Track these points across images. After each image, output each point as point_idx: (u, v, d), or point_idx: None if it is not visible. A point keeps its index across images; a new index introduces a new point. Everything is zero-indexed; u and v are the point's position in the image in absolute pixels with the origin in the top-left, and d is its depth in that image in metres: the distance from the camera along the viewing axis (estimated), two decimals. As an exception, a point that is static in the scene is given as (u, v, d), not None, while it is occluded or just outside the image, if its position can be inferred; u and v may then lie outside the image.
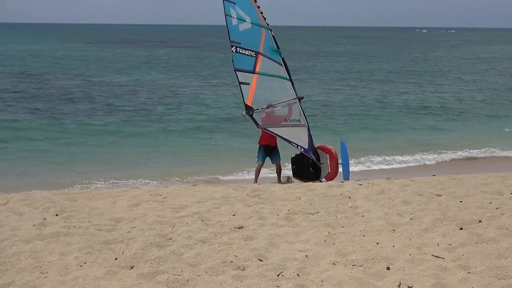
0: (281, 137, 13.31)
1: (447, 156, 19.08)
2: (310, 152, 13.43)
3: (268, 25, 12.95)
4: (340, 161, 13.59)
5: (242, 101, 13.04)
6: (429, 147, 20.07)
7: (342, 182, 12.51)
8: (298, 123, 13.41)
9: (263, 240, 7.79)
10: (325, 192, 10.71)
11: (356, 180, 12.57)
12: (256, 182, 13.37)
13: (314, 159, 13.49)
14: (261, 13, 12.89)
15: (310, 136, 13.46)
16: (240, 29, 12.84)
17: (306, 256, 7.19)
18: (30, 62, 52.68)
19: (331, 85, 38.72)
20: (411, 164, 18.12)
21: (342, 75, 46.03)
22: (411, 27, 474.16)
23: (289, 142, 13.36)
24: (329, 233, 8.07)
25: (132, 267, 6.91)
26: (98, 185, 14.80)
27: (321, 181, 13.16)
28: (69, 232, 8.08)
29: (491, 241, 7.60)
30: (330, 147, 13.73)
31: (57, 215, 9.17)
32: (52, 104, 27.79)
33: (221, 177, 15.90)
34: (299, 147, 13.38)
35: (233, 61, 12.83)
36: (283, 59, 13.14)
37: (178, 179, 15.67)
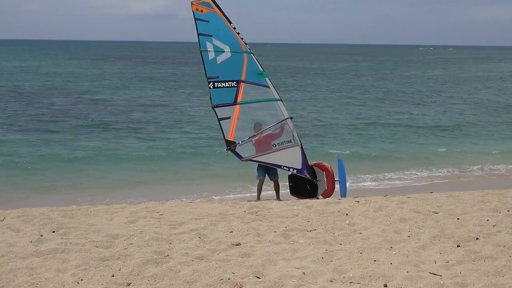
0: (269, 164, 13.09)
1: (443, 173, 19.14)
2: (305, 172, 13.39)
3: (249, 49, 12.83)
4: (337, 178, 13.61)
5: (223, 137, 12.68)
6: (426, 164, 20.12)
7: (339, 199, 12.51)
8: (290, 143, 13.28)
9: (260, 257, 7.77)
10: (322, 209, 10.71)
11: (353, 197, 12.57)
12: (259, 199, 13.26)
13: (310, 178, 13.48)
14: (241, 38, 12.74)
15: (303, 155, 13.41)
16: (218, 62, 12.50)
17: (304, 273, 7.17)
18: (24, 78, 52.73)
19: (328, 102, 38.86)
20: (408, 181, 18.13)
21: (339, 93, 46.17)
22: (410, 44, 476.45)
23: (279, 167, 13.20)
24: (326, 250, 8.06)
25: (129, 284, 6.88)
26: (95, 202, 14.77)
27: (318, 198, 13.15)
28: (66, 249, 8.05)
29: (488, 259, 7.59)
30: (327, 164, 13.74)
31: (54, 231, 9.14)
32: (44, 121, 27.79)
33: (216, 196, 15.88)
34: (291, 169, 13.25)
35: (210, 98, 12.46)
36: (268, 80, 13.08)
37: (175, 197, 15.66)
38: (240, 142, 12.76)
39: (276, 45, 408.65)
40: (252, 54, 12.88)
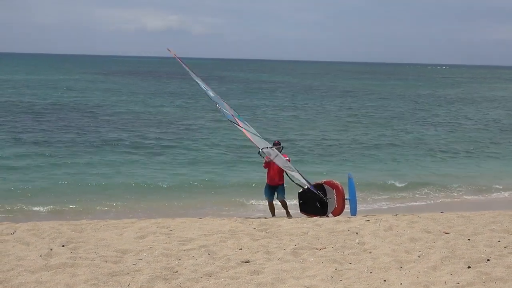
0: (293, 174, 13.61)
1: (454, 193, 18.99)
2: (313, 188, 13.51)
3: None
4: (347, 196, 13.57)
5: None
6: (437, 184, 19.97)
7: (349, 217, 12.46)
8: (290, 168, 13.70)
9: (269, 275, 7.75)
10: (332, 228, 10.67)
11: (364, 216, 12.52)
12: (275, 215, 13.71)
13: (321, 195, 13.49)
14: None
15: (305, 179, 13.71)
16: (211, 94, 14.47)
17: (313, 292, 7.14)
18: (36, 92, 53.16)
19: (337, 121, 38.82)
20: (418, 201, 17.99)
21: (349, 110, 46.11)
22: (422, 63, 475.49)
23: (296, 180, 13.72)
24: (336, 269, 8.02)
25: (137, 300, 6.88)
26: (104, 216, 14.81)
27: (327, 216, 13.12)
28: (75, 263, 8.07)
29: (499, 281, 7.52)
30: (337, 182, 13.71)
31: (63, 245, 9.18)
32: (56, 134, 27.98)
33: (226, 212, 15.86)
34: (304, 186, 13.56)
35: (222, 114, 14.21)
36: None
37: (184, 212, 15.66)
38: (267, 147, 13.49)
39: (287, 62, 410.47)
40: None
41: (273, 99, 54.67)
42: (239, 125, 13.91)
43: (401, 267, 8.12)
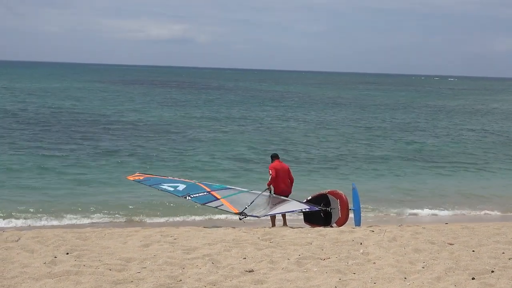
0: (285, 212, 13.69)
1: (460, 205, 18.86)
2: (314, 207, 13.54)
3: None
4: (351, 206, 13.55)
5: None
6: (443, 196, 19.91)
7: (354, 228, 12.45)
8: (285, 200, 13.76)
9: (273, 285, 7.74)
10: (336, 238, 10.67)
11: (368, 226, 12.50)
12: (274, 226, 13.70)
13: (322, 208, 13.52)
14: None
15: (302, 202, 13.78)
16: (181, 189, 13.97)
17: (317, 302, 7.13)
18: (43, 100, 53.38)
19: (342, 131, 38.83)
20: (422, 213, 17.91)
21: (353, 121, 46.11)
22: (426, 74, 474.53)
23: (293, 211, 13.74)
24: (340, 279, 8.01)
25: (141, 308, 6.88)
26: (108, 224, 14.84)
27: (331, 227, 13.11)
28: (79, 271, 8.07)
29: (504, 292, 7.51)
30: (341, 192, 13.69)
31: (68, 253, 9.19)
32: (61, 140, 28.07)
33: (230, 221, 15.84)
34: (303, 210, 13.52)
35: (196, 202, 13.79)
36: None
37: (189, 221, 15.67)
38: (246, 207, 13.28)
39: (291, 72, 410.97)
40: (201, 182, 14.70)
41: (275, 109, 54.69)
42: (217, 198, 13.75)
43: (405, 278, 8.11)
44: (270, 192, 14.07)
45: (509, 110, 65.23)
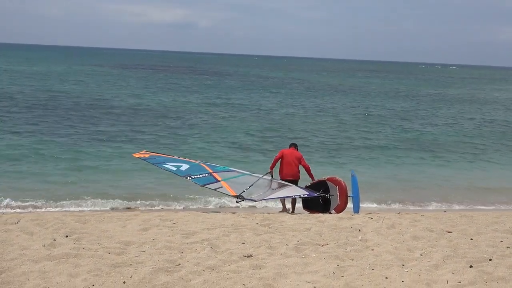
0: (283, 197, 13.84)
1: (458, 193, 18.85)
2: (313, 193, 13.55)
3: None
4: (350, 193, 13.58)
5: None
6: (441, 186, 19.90)
7: (352, 215, 12.49)
8: (285, 185, 13.79)
9: (271, 270, 7.77)
10: (335, 224, 10.70)
11: (367, 213, 12.54)
12: (286, 209, 14.01)
13: (321, 194, 13.53)
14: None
15: (302, 188, 13.81)
16: (184, 169, 14.01)
17: (314, 287, 7.16)
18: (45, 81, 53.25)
19: (342, 119, 38.80)
20: (421, 202, 17.89)
21: (354, 108, 46.08)
22: (429, 63, 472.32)
23: (290, 197, 13.81)
24: (338, 265, 8.04)
25: (140, 292, 6.91)
26: (107, 207, 14.87)
27: (330, 213, 13.14)
28: (78, 254, 8.10)
29: (501, 280, 7.54)
30: (340, 178, 13.72)
31: (67, 236, 9.22)
32: (60, 125, 28.03)
33: (230, 204, 15.85)
34: (301, 196, 13.52)
35: (196, 183, 13.66)
36: None
37: (188, 205, 15.67)
38: (245, 190, 13.35)
39: (293, 58, 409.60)
40: (204, 163, 14.78)
41: (275, 96, 54.57)
42: (217, 180, 13.76)
43: (403, 265, 8.14)
44: (272, 176, 14.09)
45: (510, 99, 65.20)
